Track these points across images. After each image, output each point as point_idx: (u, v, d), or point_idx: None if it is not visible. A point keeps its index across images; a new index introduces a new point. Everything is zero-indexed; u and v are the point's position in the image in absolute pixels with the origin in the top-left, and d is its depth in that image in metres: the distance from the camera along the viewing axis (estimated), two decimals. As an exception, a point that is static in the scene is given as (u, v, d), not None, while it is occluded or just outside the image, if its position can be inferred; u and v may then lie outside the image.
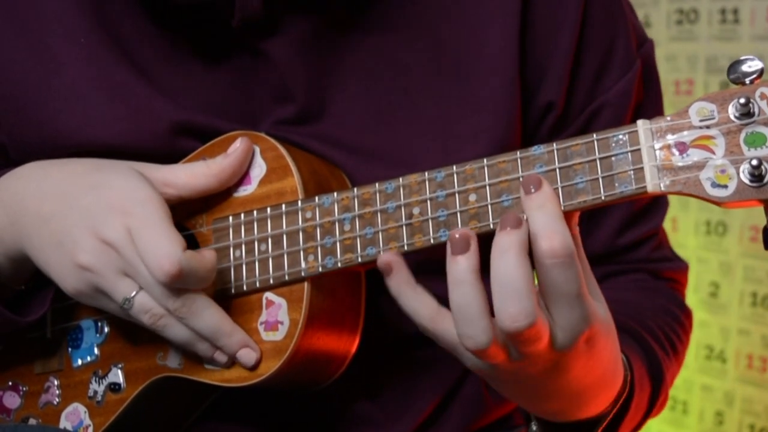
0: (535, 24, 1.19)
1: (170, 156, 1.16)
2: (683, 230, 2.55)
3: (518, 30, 1.18)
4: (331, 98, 1.18)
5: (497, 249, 0.91)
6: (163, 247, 1.04)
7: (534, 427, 1.12)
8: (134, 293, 1.06)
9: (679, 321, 1.29)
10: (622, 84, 1.22)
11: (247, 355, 1.09)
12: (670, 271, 1.34)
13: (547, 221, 0.91)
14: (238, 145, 1.13)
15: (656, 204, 1.30)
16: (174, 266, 1.03)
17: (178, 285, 1.05)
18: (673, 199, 1.36)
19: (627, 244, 1.29)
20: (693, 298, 2.50)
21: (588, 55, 1.21)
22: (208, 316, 1.08)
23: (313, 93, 1.18)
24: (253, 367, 1.10)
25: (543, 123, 1.22)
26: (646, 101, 1.27)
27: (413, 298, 0.97)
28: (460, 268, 0.92)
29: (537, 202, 0.92)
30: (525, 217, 0.93)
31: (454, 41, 1.18)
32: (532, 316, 0.89)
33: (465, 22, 1.18)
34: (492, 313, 0.92)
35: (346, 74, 1.18)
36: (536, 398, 1.02)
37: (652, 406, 1.17)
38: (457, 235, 0.92)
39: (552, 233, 0.90)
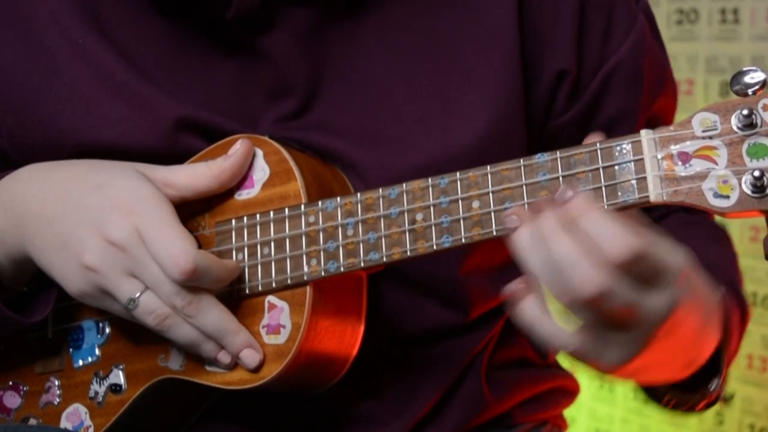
0: None
1: (172, 154, 1.16)
2: (683, 230, 2.55)
3: (516, 3, 1.17)
4: (331, 87, 1.18)
5: (533, 241, 0.89)
6: (176, 245, 1.04)
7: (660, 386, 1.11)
8: (139, 294, 1.07)
9: (723, 239, 1.30)
10: (630, 40, 1.21)
11: (251, 356, 1.09)
12: None
13: (602, 229, 0.88)
14: (238, 147, 1.13)
15: None
16: (189, 264, 1.03)
17: (191, 283, 1.05)
18: (674, 201, 1.36)
19: None
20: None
21: (591, 16, 1.20)
22: (215, 314, 1.08)
23: (313, 85, 1.18)
24: (255, 369, 1.10)
25: (558, 92, 1.21)
26: (663, 54, 1.28)
27: (549, 322, 0.94)
28: (522, 236, 0.90)
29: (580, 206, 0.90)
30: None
31: (452, 19, 1.18)
32: (598, 279, 0.86)
33: (461, 1, 1.18)
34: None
35: (345, 62, 1.18)
36: (669, 358, 1.00)
37: (744, 323, 1.18)
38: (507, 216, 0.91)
39: (611, 241, 0.87)
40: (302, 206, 1.10)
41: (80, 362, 1.21)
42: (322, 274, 1.08)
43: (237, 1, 1.13)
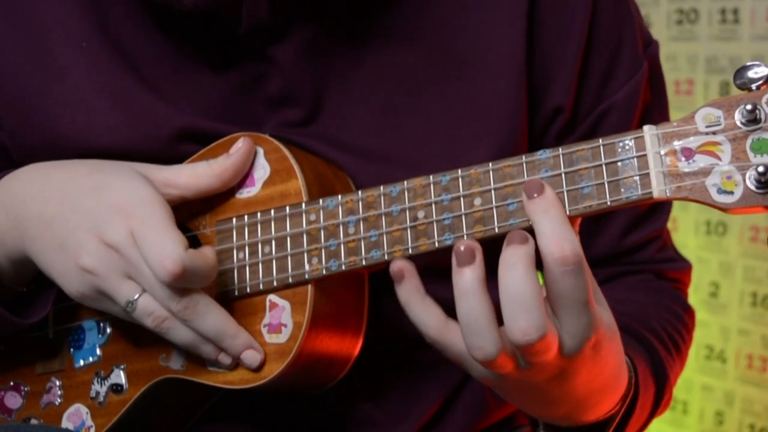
0: (542, 28, 1.19)
1: (173, 161, 1.16)
2: (683, 230, 2.55)
3: (525, 34, 1.17)
4: (336, 101, 1.18)
5: (504, 263, 0.90)
6: (165, 247, 1.04)
7: (542, 431, 1.13)
8: (137, 296, 1.06)
9: (682, 320, 1.29)
10: (629, 87, 1.22)
11: (252, 357, 1.09)
12: (674, 271, 1.34)
13: (553, 227, 0.91)
14: (240, 145, 1.13)
15: (660, 205, 1.31)
16: (177, 266, 1.03)
17: (182, 285, 1.05)
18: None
19: (632, 245, 1.29)
20: (693, 298, 2.50)
21: (596, 59, 1.21)
22: (212, 317, 1.07)
23: (317, 96, 1.17)
24: (257, 369, 1.10)
25: (550, 128, 1.22)
26: (653, 103, 1.27)
27: (422, 309, 0.97)
28: (467, 279, 0.91)
29: (541, 206, 0.92)
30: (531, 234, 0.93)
31: (460, 45, 1.18)
32: (543, 329, 0.89)
33: (471, 26, 1.18)
34: (499, 323, 0.92)
35: (351, 78, 1.18)
36: (542, 404, 1.02)
37: (657, 406, 1.17)
38: (462, 248, 0.92)
39: (561, 240, 0.90)
40: (303, 204, 1.10)
41: (81, 362, 1.21)
42: (324, 272, 1.08)
43: (248, 17, 1.13)
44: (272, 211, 1.11)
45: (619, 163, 0.93)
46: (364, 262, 1.06)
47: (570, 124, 1.21)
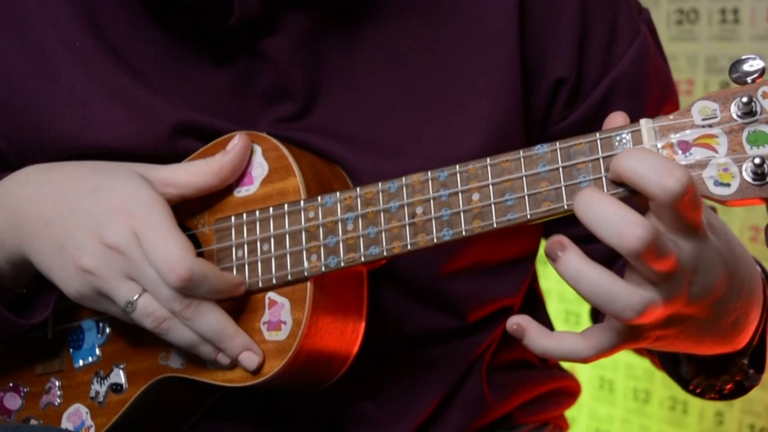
0: (533, 5, 1.19)
1: (172, 157, 1.16)
2: (683, 230, 2.54)
3: (517, 13, 1.17)
4: (330, 91, 1.18)
5: (580, 199, 0.89)
6: (174, 251, 1.04)
7: (684, 368, 1.11)
8: (137, 296, 1.06)
9: None
10: (633, 50, 1.21)
11: (250, 359, 1.09)
12: None
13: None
14: (236, 142, 1.13)
15: None
16: (186, 271, 1.03)
17: (188, 290, 1.05)
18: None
19: None
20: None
21: (594, 26, 1.20)
22: (212, 318, 1.08)
23: (312, 89, 1.18)
24: (256, 370, 1.10)
25: (556, 100, 1.21)
26: (665, 65, 1.27)
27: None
28: (570, 264, 0.88)
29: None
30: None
31: (452, 29, 1.18)
32: (646, 224, 0.85)
33: (462, 10, 1.18)
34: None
35: (344, 67, 1.18)
36: (710, 322, 0.97)
37: None
38: (549, 244, 0.89)
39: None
40: (302, 202, 1.10)
41: (80, 362, 1.21)
42: (323, 269, 1.08)
43: (239, 8, 1.13)
44: (271, 209, 1.12)
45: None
46: (362, 259, 1.06)
47: (576, 92, 1.21)
